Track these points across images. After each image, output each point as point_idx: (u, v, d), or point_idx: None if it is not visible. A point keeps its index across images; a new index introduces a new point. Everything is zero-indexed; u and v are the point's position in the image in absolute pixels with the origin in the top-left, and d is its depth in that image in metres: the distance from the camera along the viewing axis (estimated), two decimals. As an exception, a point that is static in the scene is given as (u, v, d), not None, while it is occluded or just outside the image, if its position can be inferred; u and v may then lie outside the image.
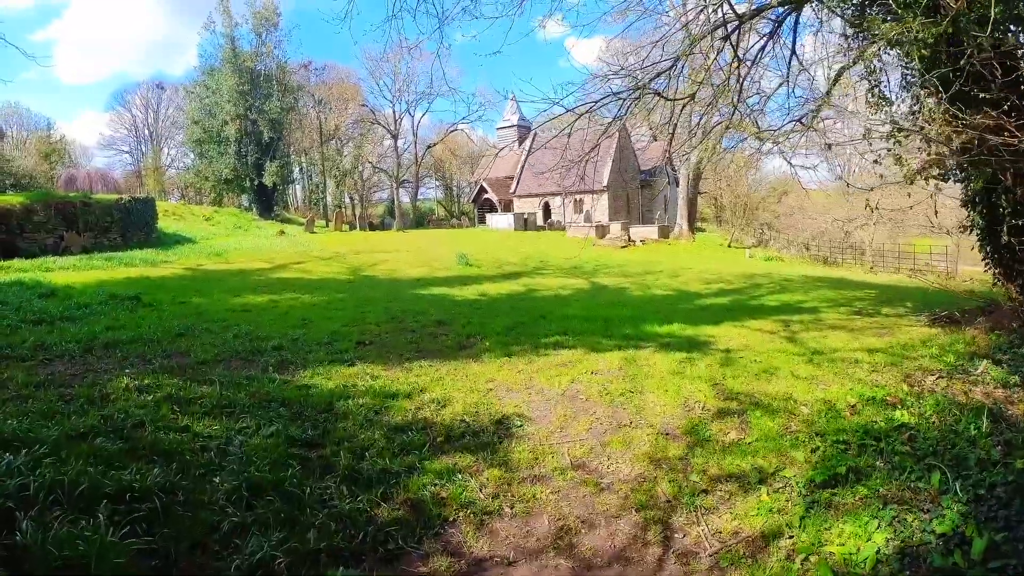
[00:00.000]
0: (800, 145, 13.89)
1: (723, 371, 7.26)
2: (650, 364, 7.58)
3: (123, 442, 4.78)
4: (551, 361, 7.62)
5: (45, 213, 20.50)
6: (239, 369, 6.98)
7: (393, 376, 6.74)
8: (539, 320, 10.61)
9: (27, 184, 38.42)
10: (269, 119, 45.65)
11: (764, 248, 45.80)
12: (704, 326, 10.67)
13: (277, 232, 35.01)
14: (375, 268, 20.03)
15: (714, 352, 8.36)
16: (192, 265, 18.79)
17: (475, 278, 17.67)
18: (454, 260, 21.66)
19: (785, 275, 22.41)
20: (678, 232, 44.61)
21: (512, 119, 56.86)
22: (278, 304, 11.46)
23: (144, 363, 7.16)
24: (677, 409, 5.96)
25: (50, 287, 12.25)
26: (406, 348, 8.17)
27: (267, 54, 47.38)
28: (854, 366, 7.41)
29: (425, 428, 5.26)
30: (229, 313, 10.44)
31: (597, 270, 21.96)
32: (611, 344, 8.71)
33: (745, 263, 32.13)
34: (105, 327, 8.83)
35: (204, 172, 48.87)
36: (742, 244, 48.27)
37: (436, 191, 77.92)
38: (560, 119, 11.20)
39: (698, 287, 18.12)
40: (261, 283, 14.63)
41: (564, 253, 28.50)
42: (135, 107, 76.09)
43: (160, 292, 12.53)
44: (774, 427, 5.47)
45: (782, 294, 16.54)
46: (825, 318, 11.92)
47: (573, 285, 17.13)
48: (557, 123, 13.10)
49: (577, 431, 5.42)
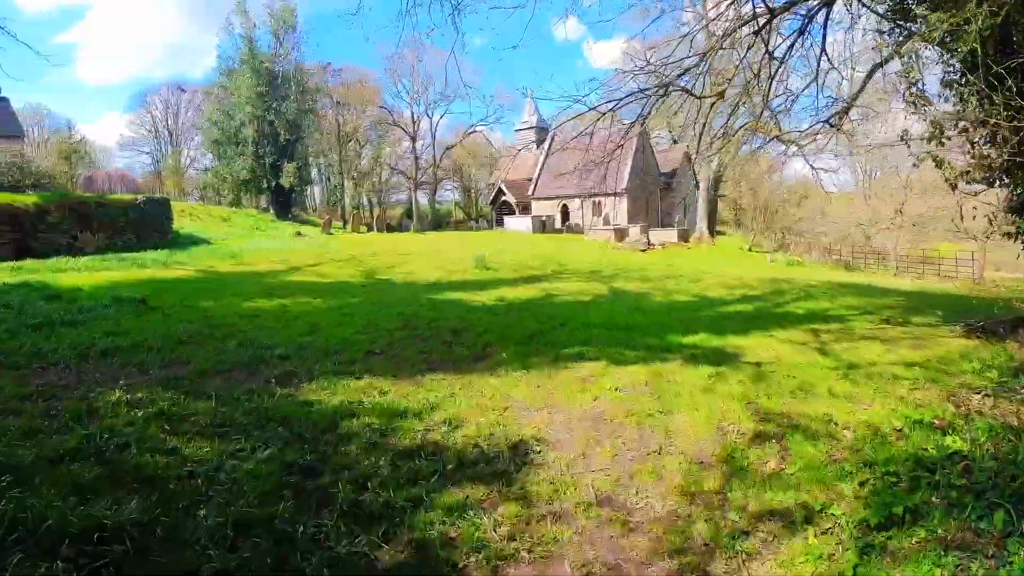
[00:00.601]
0: (824, 148, 13.35)
1: (756, 388, 6.75)
2: (678, 379, 7.06)
3: (103, 467, 4.37)
4: (572, 375, 7.12)
5: (59, 213, 20.34)
6: (240, 381, 6.56)
7: (403, 391, 6.28)
8: (559, 328, 10.11)
9: (47, 184, 38.53)
10: (286, 120, 45.56)
11: (785, 252, 45.05)
12: (731, 336, 10.15)
13: (294, 234, 34.80)
14: (391, 271, 19.64)
15: (744, 366, 7.84)
16: (205, 267, 18.50)
17: (493, 282, 17.20)
18: (472, 263, 21.20)
19: (808, 280, 21.76)
20: (698, 236, 43.95)
21: (530, 120, 56.49)
22: (288, 309, 11.06)
23: (140, 373, 6.78)
24: (710, 432, 5.44)
25: (56, 289, 11.97)
26: (418, 359, 7.70)
27: (285, 55, 47.32)
28: (893, 383, 6.90)
29: (435, 453, 4.78)
30: (237, 318, 10.06)
31: (617, 274, 21.41)
32: (635, 356, 8.19)
33: (767, 267, 31.48)
34: (106, 332, 8.47)
35: (222, 173, 48.90)
36: (763, 248, 47.50)
37: (454, 193, 77.64)
38: (580, 119, 10.75)
39: (720, 293, 17.52)
40: (273, 286, 14.26)
41: (583, 257, 28.00)
42: (155, 109, 76.85)
43: (169, 295, 12.20)
44: (817, 455, 4.95)
45: (807, 301, 15.93)
46: (855, 327, 11.36)
47: (593, 290, 16.60)
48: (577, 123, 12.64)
49: (602, 458, 4.93)
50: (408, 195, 64.41)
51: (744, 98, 10.23)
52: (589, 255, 28.66)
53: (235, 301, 11.71)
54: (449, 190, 77.18)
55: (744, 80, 9.90)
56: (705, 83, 10.11)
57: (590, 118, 9.65)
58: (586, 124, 10.60)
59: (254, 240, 29.76)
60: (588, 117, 9.74)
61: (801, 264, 37.66)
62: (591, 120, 9.69)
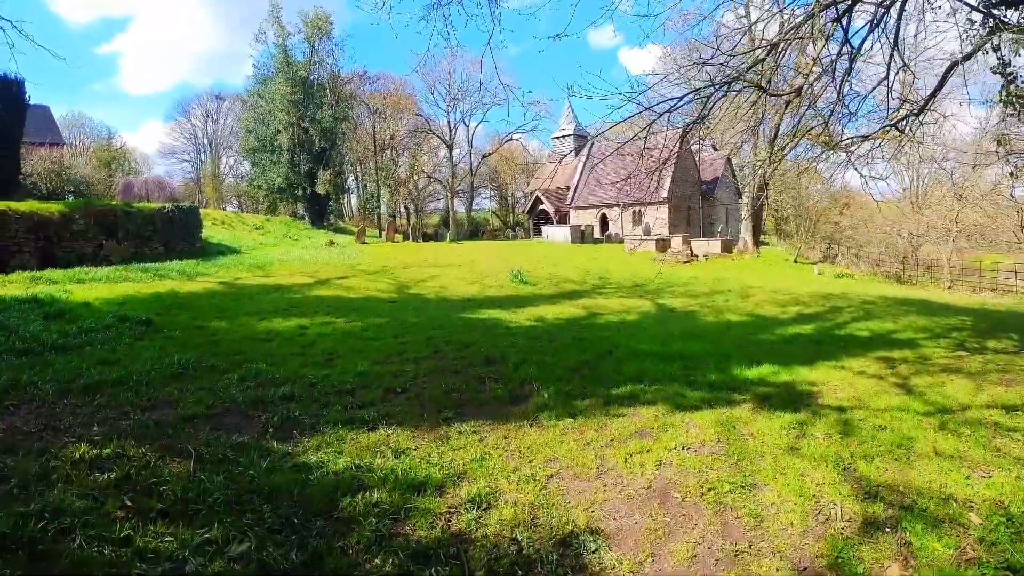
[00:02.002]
0: (881, 155, 11.92)
1: (848, 445, 5.51)
2: (753, 433, 5.82)
3: (29, 563, 3.34)
4: (627, 425, 5.91)
5: (84, 222, 19.85)
6: (231, 430, 5.51)
7: (423, 450, 5.14)
8: (606, 357, 8.92)
9: (84, 191, 38.78)
10: (321, 128, 45.16)
11: (832, 264, 42.94)
12: (798, 367, 8.89)
13: (326, 243, 34.13)
14: (423, 285, 18.61)
15: (825, 412, 6.60)
16: (229, 279, 17.72)
17: (531, 298, 16.06)
18: (508, 276, 20.09)
19: (862, 295, 20.19)
20: (742, 246, 42.14)
21: (568, 128, 55.23)
22: (306, 332, 10.06)
23: (120, 417, 5.78)
24: (808, 518, 4.20)
25: (62, 305, 11.17)
26: (445, 400, 6.56)
27: (319, 63, 46.99)
28: (1000, 436, 5.73)
29: (457, 556, 3.61)
30: (248, 343, 9.09)
31: (661, 289, 20.09)
32: (697, 397, 6.97)
33: (815, 280, 29.76)
34: (97, 361, 7.56)
35: (257, 181, 48.77)
36: (808, 259, 45.45)
37: (491, 201, 76.71)
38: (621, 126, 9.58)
39: (773, 311, 16.12)
40: (295, 302, 13.32)
41: (624, 269, 26.70)
42: (195, 117, 77.73)
43: (180, 313, 11.33)
44: (945, 554, 3.72)
45: (868, 321, 14.50)
46: (930, 355, 10.12)
47: (638, 308, 15.36)
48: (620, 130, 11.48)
49: (676, 560, 3.71)
50: (445, 203, 63.69)
51: (809, 97, 8.99)
52: (631, 267, 27.32)
53: (249, 321, 10.76)
54: (486, 198, 76.40)
55: (798, 77, 8.64)
56: (771, 80, 8.86)
57: (633, 124, 8.59)
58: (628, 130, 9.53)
59: (285, 249, 29.14)
60: (631, 124, 8.69)
61: (851, 277, 35.61)
62: (633, 126, 8.64)
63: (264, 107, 45.99)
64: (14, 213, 18.38)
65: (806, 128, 9.36)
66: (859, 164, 10.95)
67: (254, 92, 47.75)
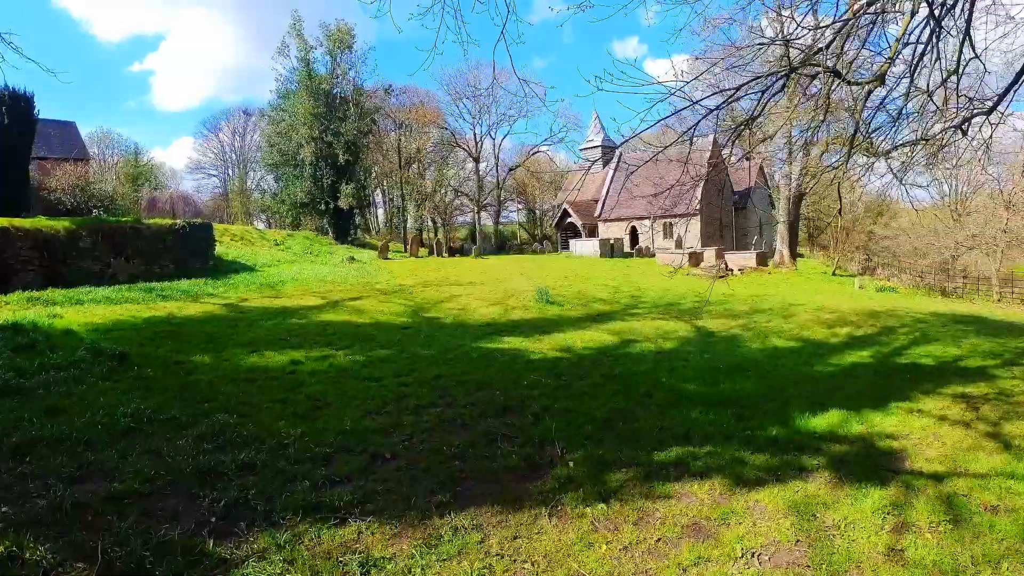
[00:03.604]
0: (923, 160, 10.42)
1: (962, 541, 4.24)
2: (839, 524, 4.47)
3: None
4: (675, 514, 4.54)
5: (91, 239, 19.01)
6: (163, 518, 4.27)
7: (403, 561, 3.81)
8: (645, 402, 7.56)
9: (108, 206, 38.61)
10: (344, 141, 44.35)
11: (872, 277, 40.82)
12: (869, 412, 7.55)
13: (346, 259, 33.09)
14: (441, 307, 17.33)
15: (920, 483, 5.30)
16: (235, 300, 16.67)
17: (557, 322, 14.68)
18: (533, 296, 18.69)
19: (911, 312, 18.51)
20: (778, 259, 40.31)
21: (596, 139, 53.86)
22: (297, 369, 8.83)
23: (39, 491, 4.59)
24: None
25: (40, 333, 10.14)
26: (444, 472, 5.23)
27: (342, 76, 46.28)
28: None
29: None
30: (225, 383, 7.90)
31: (697, 308, 18.57)
32: (760, 463, 5.59)
33: (857, 295, 27.99)
34: (44, 409, 6.41)
35: (280, 195, 48.20)
36: (846, 271, 43.40)
37: (518, 214, 75.51)
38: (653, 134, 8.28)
39: (822, 333, 14.58)
40: (296, 330, 12.13)
41: (657, 284, 25.19)
42: (223, 132, 78.14)
43: (165, 343, 10.20)
44: None
45: (928, 345, 12.98)
46: (1010, 389, 8.80)
47: (675, 332, 13.91)
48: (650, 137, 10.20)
49: None
50: (472, 216, 62.65)
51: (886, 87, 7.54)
52: (662, 283, 25.80)
53: (237, 355, 9.57)
54: (513, 211, 75.19)
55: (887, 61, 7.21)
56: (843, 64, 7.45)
57: (667, 131, 7.33)
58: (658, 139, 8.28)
59: (303, 266, 28.16)
60: (663, 129, 7.42)
61: (894, 290, 33.56)
62: (667, 132, 7.37)
63: (287, 121, 45.38)
64: (17, 230, 17.60)
65: (864, 134, 7.87)
66: (900, 171, 9.51)
67: (277, 106, 47.23)
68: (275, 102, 47.63)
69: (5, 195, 25.12)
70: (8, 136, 25.74)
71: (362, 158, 49.01)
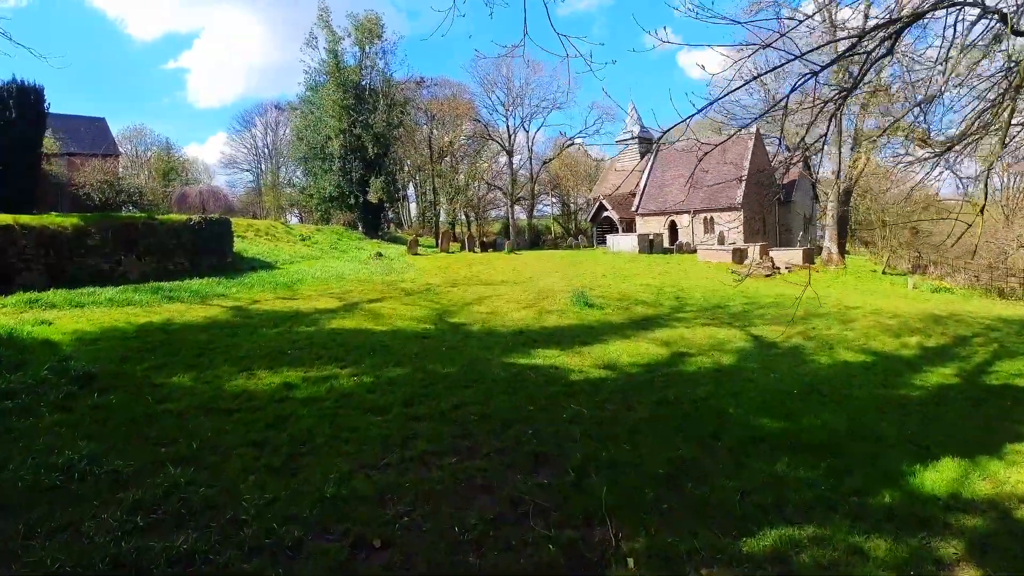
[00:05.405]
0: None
1: None
2: None
3: None
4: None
5: (101, 236, 18.01)
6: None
7: None
8: (712, 446, 6.03)
9: (138, 201, 38.26)
10: (374, 134, 43.08)
11: (924, 276, 38.22)
12: (985, 460, 6.07)
13: (373, 254, 31.84)
14: (468, 311, 15.84)
15: None
16: (245, 303, 15.43)
17: (598, 329, 13.09)
18: (569, 297, 17.08)
19: (976, 317, 16.65)
20: (826, 256, 38.02)
21: (633, 131, 51.71)
22: (288, 396, 7.42)
23: None
24: None
25: (9, 348, 8.97)
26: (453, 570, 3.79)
27: (371, 67, 45.00)
28: None
29: None
30: (200, 415, 6.56)
31: (748, 312, 16.84)
32: (884, 559, 4.09)
33: (913, 297, 25.87)
34: (-38, 457, 5.14)
35: (309, 189, 47.24)
36: (895, 270, 40.84)
37: (552, 208, 73.71)
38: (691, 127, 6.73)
39: (890, 343, 12.83)
40: (301, 341, 10.74)
41: (701, 283, 23.41)
42: (255, 127, 77.83)
43: (148, 359, 8.91)
44: None
45: (1013, 360, 11.35)
46: None
47: (730, 342, 12.24)
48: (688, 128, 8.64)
49: None
50: (506, 210, 61.15)
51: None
52: (707, 282, 24.00)
53: (224, 375, 8.22)
54: (547, 205, 73.42)
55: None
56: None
57: (709, 122, 5.75)
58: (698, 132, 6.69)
59: (327, 262, 27.01)
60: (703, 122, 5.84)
61: (949, 291, 31.06)
62: (709, 123, 5.81)
63: (315, 113, 44.29)
64: (23, 227, 16.67)
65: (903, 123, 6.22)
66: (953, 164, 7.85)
67: (305, 99, 46.16)
68: (304, 95, 46.59)
69: (12, 191, 24.34)
70: (15, 130, 24.87)
71: (392, 151, 47.74)
